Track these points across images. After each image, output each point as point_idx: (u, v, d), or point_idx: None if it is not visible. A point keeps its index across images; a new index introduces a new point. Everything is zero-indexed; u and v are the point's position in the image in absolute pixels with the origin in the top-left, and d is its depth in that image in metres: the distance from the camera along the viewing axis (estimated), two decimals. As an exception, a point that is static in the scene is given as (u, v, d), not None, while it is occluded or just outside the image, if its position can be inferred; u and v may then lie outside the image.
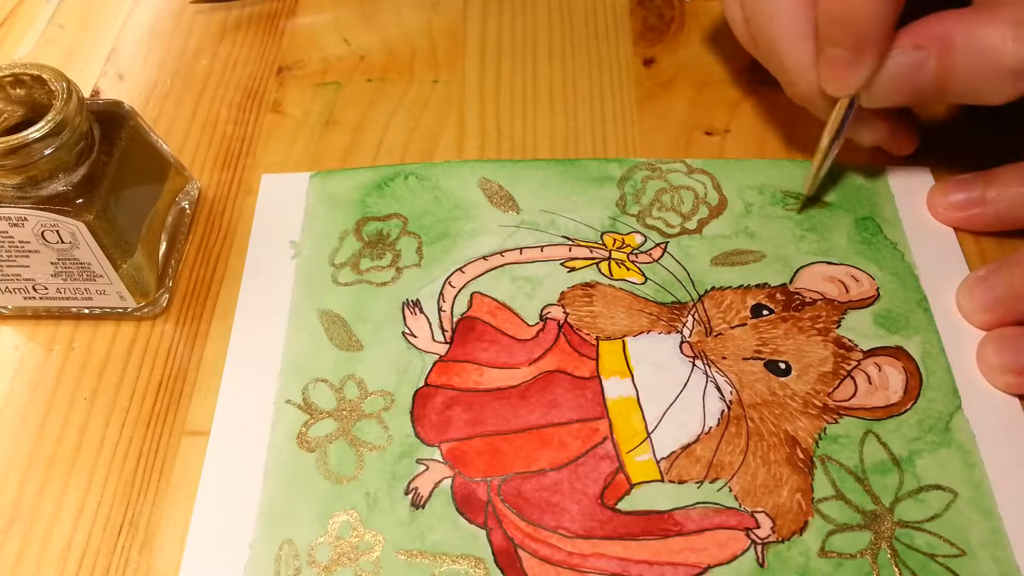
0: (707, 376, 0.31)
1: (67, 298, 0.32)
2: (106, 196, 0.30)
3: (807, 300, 0.33)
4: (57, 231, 0.30)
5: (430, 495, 0.29)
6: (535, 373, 0.31)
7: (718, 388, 0.31)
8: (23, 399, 0.32)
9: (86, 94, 0.38)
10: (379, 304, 0.33)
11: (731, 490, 0.29)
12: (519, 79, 0.41)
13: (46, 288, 0.32)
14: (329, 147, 0.38)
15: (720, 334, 0.32)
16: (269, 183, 0.37)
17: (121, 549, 0.28)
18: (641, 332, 0.32)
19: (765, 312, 0.32)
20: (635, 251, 0.34)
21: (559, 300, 0.33)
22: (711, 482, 0.29)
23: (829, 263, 0.34)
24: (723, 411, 0.30)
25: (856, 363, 0.31)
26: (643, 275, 0.34)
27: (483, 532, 0.28)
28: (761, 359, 0.31)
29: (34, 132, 0.28)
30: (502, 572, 0.27)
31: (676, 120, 0.39)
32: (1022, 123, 0.38)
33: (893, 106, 0.32)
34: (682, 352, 0.31)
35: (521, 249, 0.34)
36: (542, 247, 0.34)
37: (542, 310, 0.33)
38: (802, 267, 0.34)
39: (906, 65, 0.30)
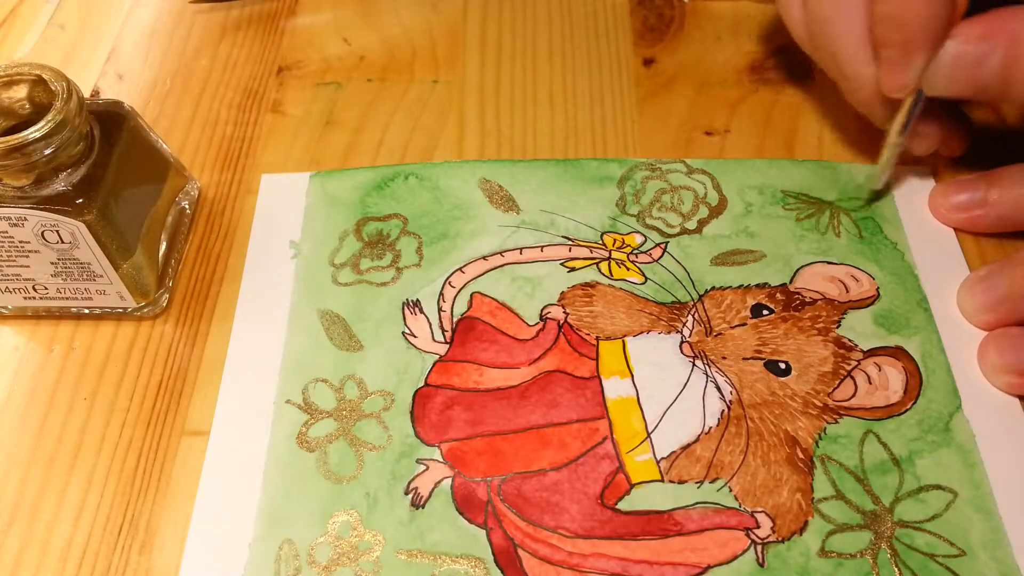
0: (707, 376, 0.31)
1: (67, 298, 0.32)
2: (106, 196, 0.30)
3: (807, 300, 0.33)
4: (57, 231, 0.30)
5: (430, 495, 0.29)
6: (535, 373, 0.31)
7: (718, 388, 0.31)
8: (23, 399, 0.32)
9: (86, 94, 0.38)
10: (379, 304, 0.33)
11: (731, 490, 0.29)
12: (519, 79, 0.41)
13: (46, 288, 0.32)
14: (329, 147, 0.38)
15: (720, 334, 0.32)
16: (269, 183, 0.37)
17: (121, 549, 0.28)
18: (641, 332, 0.32)
19: (765, 312, 0.32)
20: (635, 251, 0.34)
21: (559, 300, 0.33)
22: (711, 482, 0.29)
23: (829, 263, 0.34)
24: (723, 411, 0.30)
25: (856, 363, 0.31)
26: (643, 275, 0.34)
27: (483, 532, 0.28)
28: (761, 359, 0.31)
29: (34, 132, 0.28)
30: (502, 572, 0.27)
31: (676, 120, 0.39)
32: (1021, 119, 0.38)
33: (953, 96, 0.31)
34: (682, 352, 0.31)
35: (521, 249, 0.34)
36: (542, 247, 0.34)
37: (542, 310, 0.33)
38: (802, 267, 0.34)
39: (971, 56, 0.29)
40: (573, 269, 0.34)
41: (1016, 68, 0.29)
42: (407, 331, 0.32)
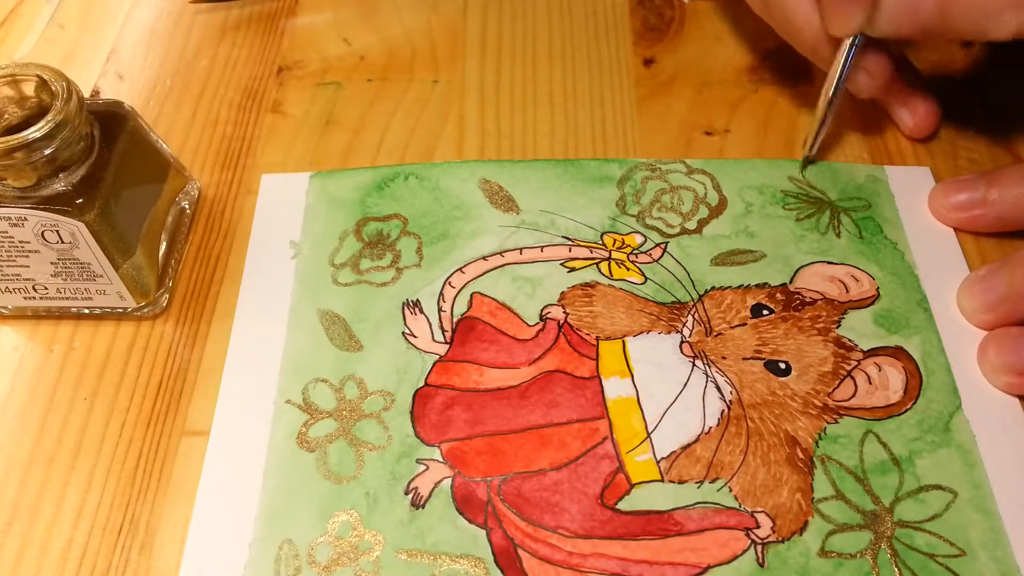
0: (707, 376, 0.31)
1: (67, 298, 0.32)
2: (106, 196, 0.30)
3: (807, 300, 0.33)
4: (57, 231, 0.30)
5: (430, 495, 0.29)
6: (535, 373, 0.31)
7: (718, 388, 0.31)
8: (23, 399, 0.32)
9: (86, 94, 0.38)
10: (379, 304, 0.33)
11: (731, 490, 0.29)
12: (519, 79, 0.41)
13: (46, 288, 0.32)
14: (329, 147, 0.38)
15: (720, 334, 0.32)
16: (269, 183, 0.37)
17: (121, 549, 0.28)
18: (641, 332, 0.32)
19: (765, 312, 0.32)
20: (635, 251, 0.34)
21: (559, 300, 0.33)
22: (711, 482, 0.29)
23: (829, 263, 0.34)
24: (723, 411, 0.30)
25: (856, 363, 0.31)
26: (643, 275, 0.34)
27: (483, 532, 0.28)
28: (761, 359, 0.31)
29: (34, 132, 0.28)
30: (502, 572, 0.27)
31: (676, 120, 0.39)
32: (1021, 119, 0.38)
33: (899, 37, 0.32)
34: (682, 352, 0.31)
35: (521, 249, 0.34)
36: (542, 247, 0.34)
37: (542, 310, 0.33)
38: (802, 267, 0.34)
39: None
40: (573, 269, 0.34)
41: (952, 4, 0.30)
42: (407, 331, 0.32)
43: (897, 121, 0.37)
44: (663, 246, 0.34)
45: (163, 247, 0.33)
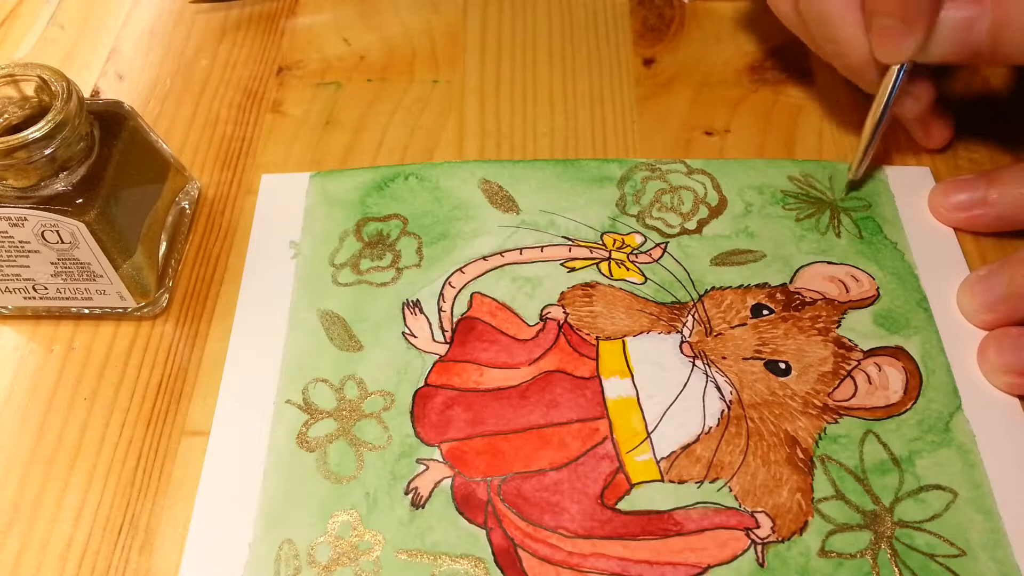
0: (707, 376, 0.31)
1: (67, 298, 0.32)
2: (106, 196, 0.30)
3: (807, 300, 0.33)
4: (57, 231, 0.30)
5: (430, 495, 0.29)
6: (535, 373, 0.31)
7: (718, 388, 0.31)
8: (23, 399, 0.32)
9: (86, 94, 0.38)
10: (379, 304, 0.33)
11: (731, 490, 0.29)
12: (519, 79, 0.41)
13: (46, 288, 0.32)
14: (329, 147, 0.38)
15: (720, 334, 0.32)
16: (269, 183, 0.37)
17: (121, 549, 0.28)
18: (641, 332, 0.32)
19: (765, 312, 0.32)
20: (635, 251, 0.34)
21: (559, 300, 0.33)
22: (711, 482, 0.29)
23: (829, 263, 0.34)
24: (723, 411, 0.30)
25: (856, 363, 0.31)
26: (643, 275, 0.34)
27: (483, 532, 0.28)
28: (761, 359, 0.31)
29: (34, 132, 0.28)
30: (502, 572, 0.27)
31: (676, 120, 0.39)
32: (1021, 119, 0.38)
33: (947, 62, 0.31)
34: (682, 352, 0.31)
35: (521, 249, 0.34)
36: (542, 247, 0.34)
37: (542, 310, 0.33)
38: (802, 267, 0.34)
39: (961, 20, 0.30)
40: (573, 269, 0.34)
41: (1005, 28, 0.29)
42: (407, 331, 0.32)
43: (912, 133, 0.37)
44: (663, 246, 0.34)
45: (163, 247, 0.33)
